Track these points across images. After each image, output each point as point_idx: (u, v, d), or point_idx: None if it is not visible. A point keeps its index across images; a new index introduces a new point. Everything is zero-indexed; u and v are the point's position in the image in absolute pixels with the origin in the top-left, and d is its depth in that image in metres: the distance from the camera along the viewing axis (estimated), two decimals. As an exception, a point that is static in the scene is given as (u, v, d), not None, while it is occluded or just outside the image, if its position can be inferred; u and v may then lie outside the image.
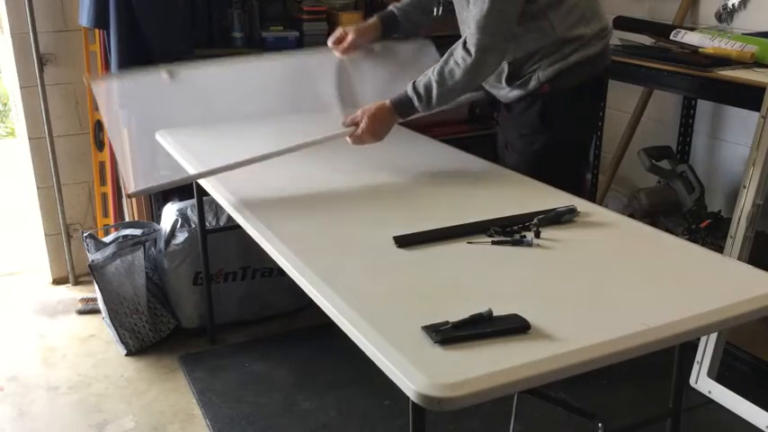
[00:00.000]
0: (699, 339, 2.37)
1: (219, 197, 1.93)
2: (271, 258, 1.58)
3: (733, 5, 2.81)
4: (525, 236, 1.56)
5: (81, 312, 3.00)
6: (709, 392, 2.37)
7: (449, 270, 1.45)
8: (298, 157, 2.06)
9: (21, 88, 3.01)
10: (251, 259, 2.81)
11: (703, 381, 2.38)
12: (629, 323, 1.22)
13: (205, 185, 2.05)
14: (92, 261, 2.68)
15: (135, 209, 3.05)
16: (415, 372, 1.09)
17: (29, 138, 3.08)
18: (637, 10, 3.17)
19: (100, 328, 2.87)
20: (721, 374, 2.38)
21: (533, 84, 2.07)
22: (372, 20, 2.30)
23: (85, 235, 2.74)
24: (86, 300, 3.04)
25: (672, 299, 1.32)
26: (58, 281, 3.26)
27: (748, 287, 1.35)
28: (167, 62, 2.16)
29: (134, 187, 1.98)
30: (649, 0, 3.17)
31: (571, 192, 1.85)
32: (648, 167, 2.95)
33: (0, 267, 3.39)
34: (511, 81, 2.11)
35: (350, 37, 2.25)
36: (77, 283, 3.24)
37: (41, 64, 2.96)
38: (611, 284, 1.39)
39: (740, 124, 2.88)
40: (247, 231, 1.73)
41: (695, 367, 2.40)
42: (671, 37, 2.71)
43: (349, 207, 1.82)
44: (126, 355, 2.68)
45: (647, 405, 2.33)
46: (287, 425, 2.31)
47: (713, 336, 2.34)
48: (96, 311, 2.95)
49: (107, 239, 2.78)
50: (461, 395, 1.05)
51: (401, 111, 1.98)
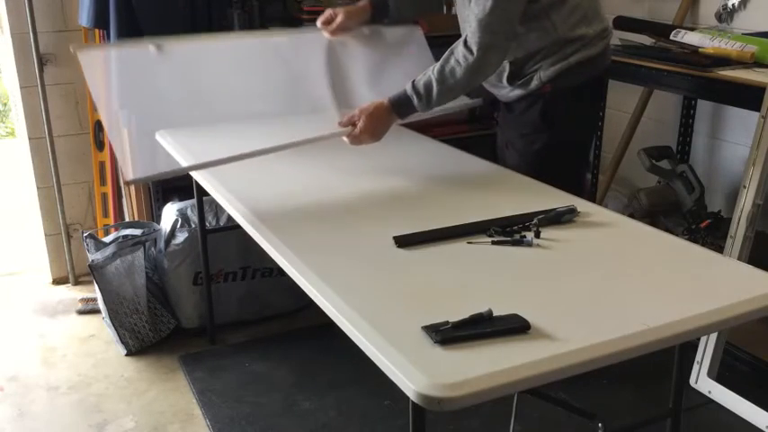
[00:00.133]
0: (699, 339, 2.37)
1: (220, 197, 1.93)
2: (271, 258, 1.58)
3: (733, 5, 2.81)
4: (525, 236, 1.56)
5: (81, 312, 3.00)
6: (709, 392, 2.36)
7: (449, 270, 1.45)
8: (297, 158, 2.06)
9: (21, 88, 3.01)
10: (251, 259, 2.81)
11: (703, 381, 2.38)
12: (629, 323, 1.22)
13: (205, 185, 2.04)
14: (92, 261, 2.68)
15: (135, 209, 3.05)
16: (415, 372, 1.09)
17: (29, 138, 3.08)
18: (637, 10, 3.16)
19: (100, 328, 2.87)
20: (721, 374, 2.37)
21: (535, 83, 2.07)
22: (363, 2, 2.28)
23: (85, 235, 2.74)
24: (86, 300, 3.04)
25: (672, 299, 1.32)
26: (58, 281, 3.26)
27: (748, 287, 1.35)
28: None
29: (132, 175, 1.97)
30: (649, 0, 3.17)
31: (571, 192, 1.85)
32: (648, 167, 2.95)
33: (0, 267, 3.39)
34: (512, 80, 2.10)
35: (339, 18, 2.22)
36: (77, 283, 3.24)
37: (41, 64, 2.96)
38: (611, 284, 1.38)
39: (740, 124, 2.87)
40: (247, 231, 1.73)
41: (695, 367, 2.40)
42: (671, 37, 2.71)
43: (349, 207, 1.82)
44: (126, 355, 2.68)
45: (647, 405, 2.33)
46: (287, 425, 2.31)
47: (713, 336, 2.34)
48: (96, 311, 2.95)
49: (107, 239, 2.78)
50: (461, 395, 1.05)
51: (399, 110, 1.96)
